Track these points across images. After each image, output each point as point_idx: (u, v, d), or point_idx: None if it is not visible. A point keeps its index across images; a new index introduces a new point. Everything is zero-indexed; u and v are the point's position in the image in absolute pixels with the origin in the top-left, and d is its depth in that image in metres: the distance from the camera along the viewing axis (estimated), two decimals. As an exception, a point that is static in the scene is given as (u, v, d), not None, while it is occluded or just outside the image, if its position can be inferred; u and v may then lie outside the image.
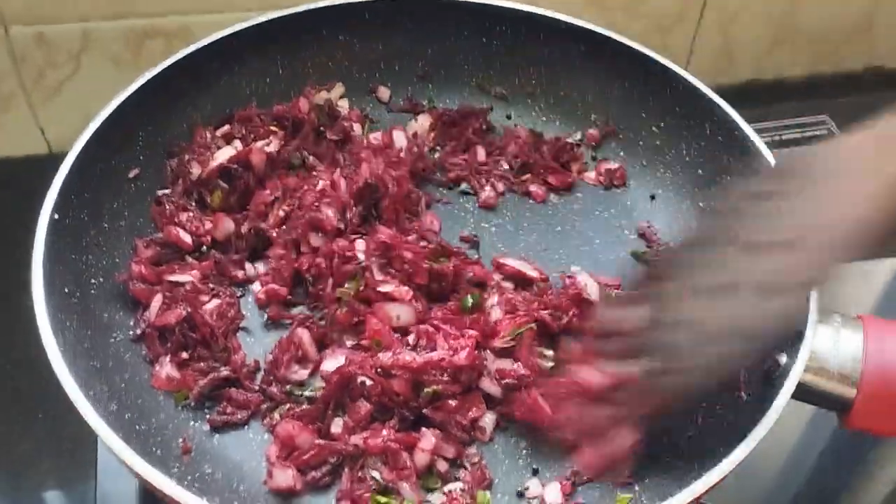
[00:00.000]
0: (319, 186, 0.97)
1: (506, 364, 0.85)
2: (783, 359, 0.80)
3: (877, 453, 1.01)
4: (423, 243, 0.93)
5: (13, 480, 0.93)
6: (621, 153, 1.11)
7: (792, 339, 0.79)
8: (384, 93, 1.16)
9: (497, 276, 0.95)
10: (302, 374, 0.87)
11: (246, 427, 0.84)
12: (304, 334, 0.88)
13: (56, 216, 0.84)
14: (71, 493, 0.93)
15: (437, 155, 1.10)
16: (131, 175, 0.97)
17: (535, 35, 1.12)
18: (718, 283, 0.68)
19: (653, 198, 1.08)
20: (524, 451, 0.85)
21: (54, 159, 1.24)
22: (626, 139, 1.11)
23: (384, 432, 0.80)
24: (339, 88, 1.12)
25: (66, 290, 0.83)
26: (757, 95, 1.45)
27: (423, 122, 1.13)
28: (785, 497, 0.97)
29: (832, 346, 0.80)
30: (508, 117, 1.16)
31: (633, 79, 1.08)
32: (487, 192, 1.07)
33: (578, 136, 1.13)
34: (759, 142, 0.95)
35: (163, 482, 0.68)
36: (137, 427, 0.78)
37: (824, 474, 0.99)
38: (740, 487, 0.95)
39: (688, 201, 1.05)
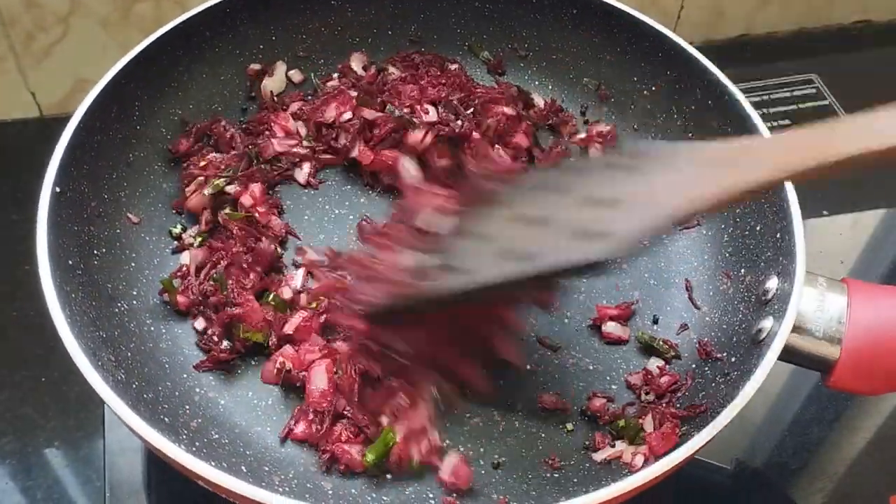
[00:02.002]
0: None
1: None
2: (768, 323, 0.82)
3: (856, 408, 1.04)
4: None
5: (19, 443, 0.95)
6: (613, 117, 1.12)
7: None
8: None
9: None
10: None
11: (251, 393, 0.87)
12: None
13: (58, 189, 0.84)
14: (76, 454, 0.95)
15: None
16: (129, 145, 0.97)
17: (527, -2, 1.12)
18: (535, 215, 0.75)
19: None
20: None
21: (45, 123, 1.26)
22: (618, 103, 1.12)
23: None
24: (280, 67, 1.11)
25: (71, 263, 0.83)
26: (747, 51, 1.46)
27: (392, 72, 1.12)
28: (774, 451, 1.00)
29: (817, 309, 0.83)
30: (501, 73, 1.16)
31: (625, 43, 1.08)
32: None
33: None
34: (748, 106, 0.97)
35: (174, 450, 0.70)
36: (145, 396, 0.79)
37: (805, 427, 1.02)
38: (731, 441, 0.98)
39: (678, 165, 1.06)
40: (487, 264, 0.73)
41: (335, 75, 1.12)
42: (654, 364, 0.90)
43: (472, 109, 1.04)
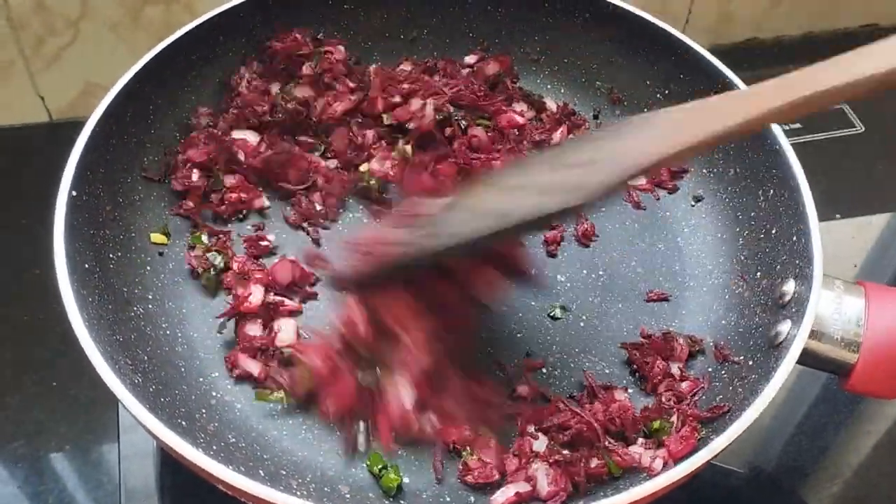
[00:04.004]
0: None
1: None
2: (786, 327, 0.82)
3: (869, 410, 1.04)
4: None
5: (30, 447, 0.95)
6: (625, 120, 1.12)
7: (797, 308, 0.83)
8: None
9: None
10: None
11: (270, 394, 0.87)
12: None
13: (74, 193, 0.84)
14: (88, 458, 0.94)
15: None
16: (144, 149, 0.98)
17: (538, 2, 1.12)
18: (514, 183, 0.80)
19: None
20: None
21: (55, 127, 1.25)
22: (631, 106, 1.12)
23: None
24: None
25: (87, 266, 0.83)
26: (755, 55, 1.46)
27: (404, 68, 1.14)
28: (788, 455, 1.00)
29: (834, 312, 0.83)
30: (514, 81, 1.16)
31: (637, 46, 1.09)
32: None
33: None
34: (761, 109, 0.97)
35: (193, 454, 0.70)
36: (162, 399, 0.79)
37: (818, 430, 1.02)
38: (745, 445, 0.97)
39: (692, 168, 1.07)
40: (465, 225, 0.78)
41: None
42: (675, 367, 0.90)
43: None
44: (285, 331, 0.89)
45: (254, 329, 0.90)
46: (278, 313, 0.91)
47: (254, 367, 0.87)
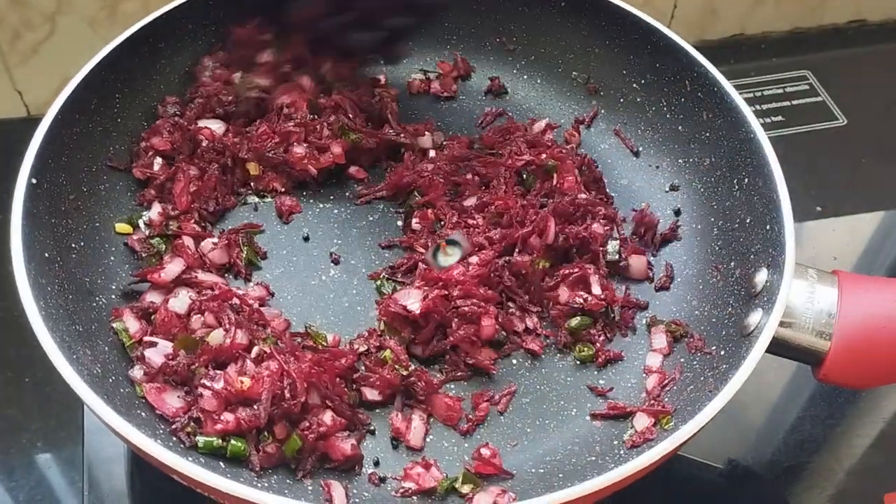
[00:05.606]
0: None
1: None
2: (757, 316, 0.81)
3: (850, 406, 1.03)
4: None
5: (2, 444, 0.94)
6: (602, 111, 1.11)
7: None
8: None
9: None
10: None
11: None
12: None
13: (34, 181, 0.84)
14: (59, 455, 0.94)
15: None
16: (110, 138, 0.97)
17: (516, -10, 1.11)
18: None
19: (637, 154, 1.08)
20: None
21: (33, 122, 1.23)
22: (607, 97, 1.11)
23: None
24: None
25: (47, 256, 0.82)
26: (741, 51, 1.45)
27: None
28: (767, 450, 0.99)
29: (807, 301, 0.81)
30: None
31: (614, 36, 1.07)
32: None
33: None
34: (737, 97, 0.96)
35: (150, 445, 0.69)
36: (121, 391, 0.78)
37: (805, 427, 1.01)
38: (724, 440, 0.98)
39: (668, 158, 1.05)
40: None
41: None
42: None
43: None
44: (180, 299, 0.87)
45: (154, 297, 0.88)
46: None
47: (133, 325, 0.85)
